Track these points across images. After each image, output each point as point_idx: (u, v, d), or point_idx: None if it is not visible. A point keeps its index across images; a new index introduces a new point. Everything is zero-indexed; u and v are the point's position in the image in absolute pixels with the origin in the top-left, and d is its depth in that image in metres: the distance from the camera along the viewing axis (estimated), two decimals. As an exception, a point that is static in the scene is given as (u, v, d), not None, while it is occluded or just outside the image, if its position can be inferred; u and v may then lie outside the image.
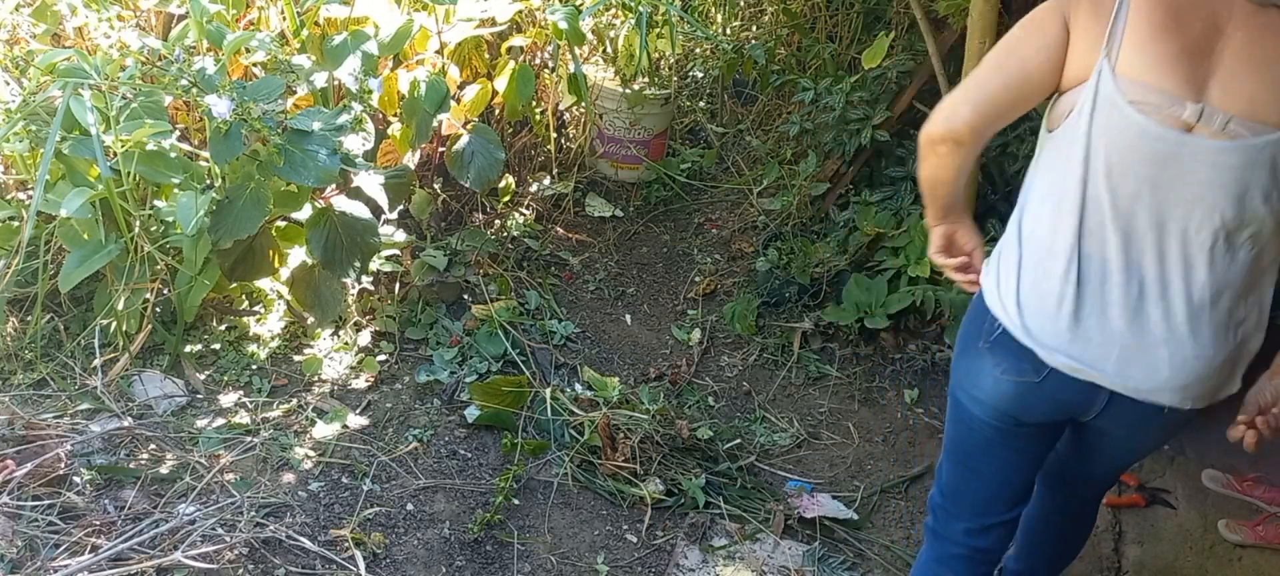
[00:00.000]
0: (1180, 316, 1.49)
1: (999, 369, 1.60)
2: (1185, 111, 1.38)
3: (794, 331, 3.11)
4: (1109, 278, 1.50)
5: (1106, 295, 1.50)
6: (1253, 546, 2.45)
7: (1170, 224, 1.46)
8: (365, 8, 2.73)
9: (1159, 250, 1.48)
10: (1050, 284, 1.53)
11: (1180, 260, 1.47)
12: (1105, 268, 1.50)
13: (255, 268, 2.60)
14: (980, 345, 1.63)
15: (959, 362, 1.71)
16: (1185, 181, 1.42)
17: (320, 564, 2.11)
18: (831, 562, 2.37)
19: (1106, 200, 1.46)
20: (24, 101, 2.31)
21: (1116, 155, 1.44)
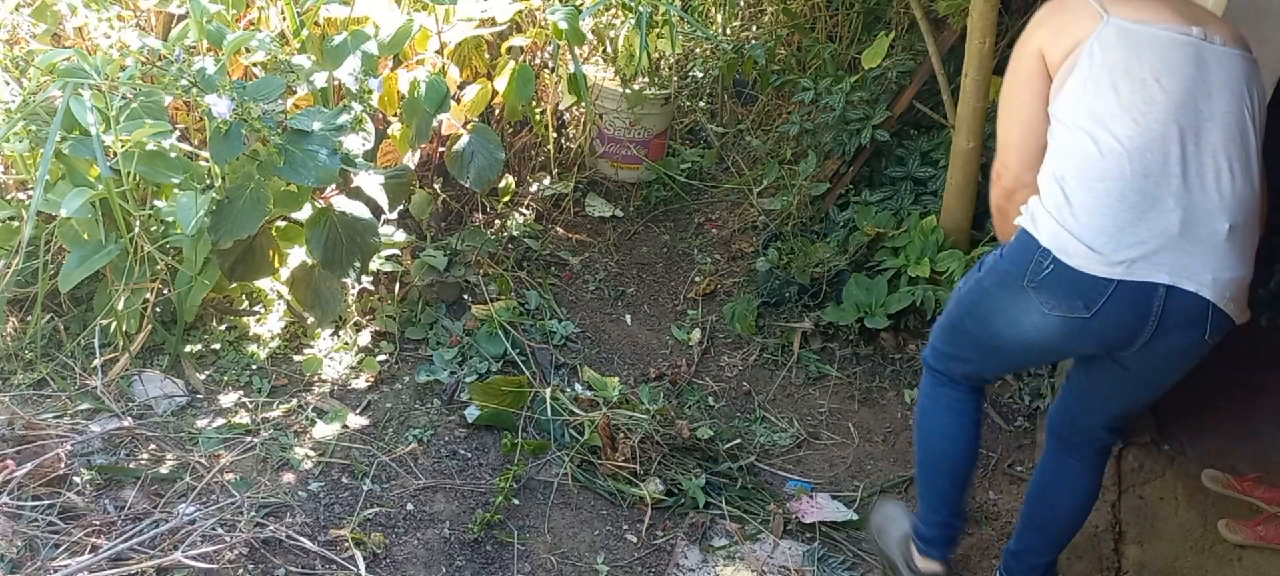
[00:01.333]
0: (1221, 204, 1.67)
1: (1047, 306, 1.73)
2: (1192, 31, 1.70)
3: (794, 331, 3.11)
4: (1166, 178, 1.66)
5: (1160, 198, 1.66)
6: (1253, 546, 2.45)
7: (1205, 128, 1.68)
8: (365, 8, 2.73)
9: (1196, 152, 1.68)
10: (1105, 198, 1.67)
11: (1211, 161, 1.68)
12: (1162, 168, 1.66)
13: (255, 267, 2.60)
14: (1025, 284, 1.74)
15: (996, 294, 1.83)
16: (1213, 82, 1.69)
17: (320, 564, 2.11)
18: (831, 563, 2.37)
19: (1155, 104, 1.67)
20: (24, 101, 2.31)
21: (1149, 64, 1.68)
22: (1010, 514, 2.57)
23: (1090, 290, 1.68)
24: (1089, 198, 1.68)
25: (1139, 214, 1.66)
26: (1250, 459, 2.71)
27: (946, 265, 2.92)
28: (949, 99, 3.06)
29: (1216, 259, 1.67)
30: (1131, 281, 1.66)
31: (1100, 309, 1.68)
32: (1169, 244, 1.66)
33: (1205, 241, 1.67)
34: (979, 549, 2.47)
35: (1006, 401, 2.91)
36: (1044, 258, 1.70)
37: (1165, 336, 1.71)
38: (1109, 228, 1.67)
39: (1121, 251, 1.66)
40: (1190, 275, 1.66)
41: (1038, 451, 2.75)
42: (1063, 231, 1.69)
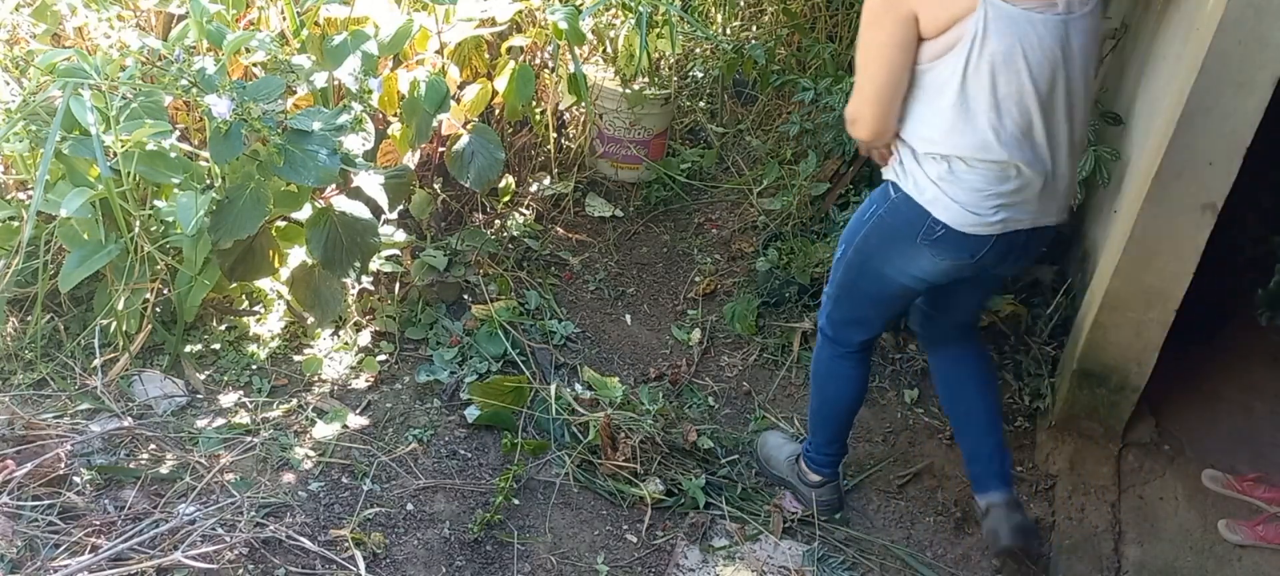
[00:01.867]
0: (1067, 156, 2.01)
1: (937, 257, 2.04)
2: (1059, 5, 1.86)
3: (794, 331, 3.10)
4: (1031, 154, 1.94)
5: (1029, 166, 1.94)
6: (1253, 546, 2.45)
7: (1072, 90, 1.94)
8: (365, 8, 2.73)
9: (1060, 121, 1.96)
10: (987, 175, 1.94)
11: (1068, 117, 1.97)
12: (1027, 148, 1.93)
13: (255, 267, 2.60)
14: (917, 241, 2.03)
15: (887, 250, 2.11)
16: (1074, 50, 1.90)
17: (320, 564, 2.11)
18: (831, 563, 2.37)
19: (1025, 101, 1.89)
20: (24, 101, 2.31)
21: (1027, 57, 1.86)
22: (1010, 514, 2.57)
23: (974, 244, 2.00)
24: (972, 176, 1.95)
25: (1011, 185, 1.96)
26: (1250, 459, 2.71)
27: (946, 265, 2.92)
28: (949, 99, 3.05)
29: (1065, 195, 2.07)
30: (1003, 234, 2.00)
31: (984, 254, 2.03)
32: (1032, 200, 1.99)
33: (1057, 188, 2.02)
34: (979, 548, 2.47)
35: (1006, 401, 2.90)
36: (935, 225, 1.99)
37: (1028, 255, 2.15)
38: (989, 200, 1.96)
39: (999, 215, 1.97)
40: (1047, 215, 2.04)
41: (1038, 451, 2.75)
42: (950, 202, 1.97)
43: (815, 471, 2.47)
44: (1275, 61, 2.13)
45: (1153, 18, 2.78)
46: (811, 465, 2.47)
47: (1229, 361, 3.02)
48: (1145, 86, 2.70)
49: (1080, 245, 3.06)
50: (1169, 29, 2.58)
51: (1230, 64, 2.16)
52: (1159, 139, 2.37)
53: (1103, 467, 2.66)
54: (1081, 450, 2.70)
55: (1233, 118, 2.21)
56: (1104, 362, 2.64)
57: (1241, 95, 2.18)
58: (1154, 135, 2.44)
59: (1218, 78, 2.18)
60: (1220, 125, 2.23)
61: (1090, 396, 2.70)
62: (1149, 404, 2.75)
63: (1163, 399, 2.80)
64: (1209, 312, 2.90)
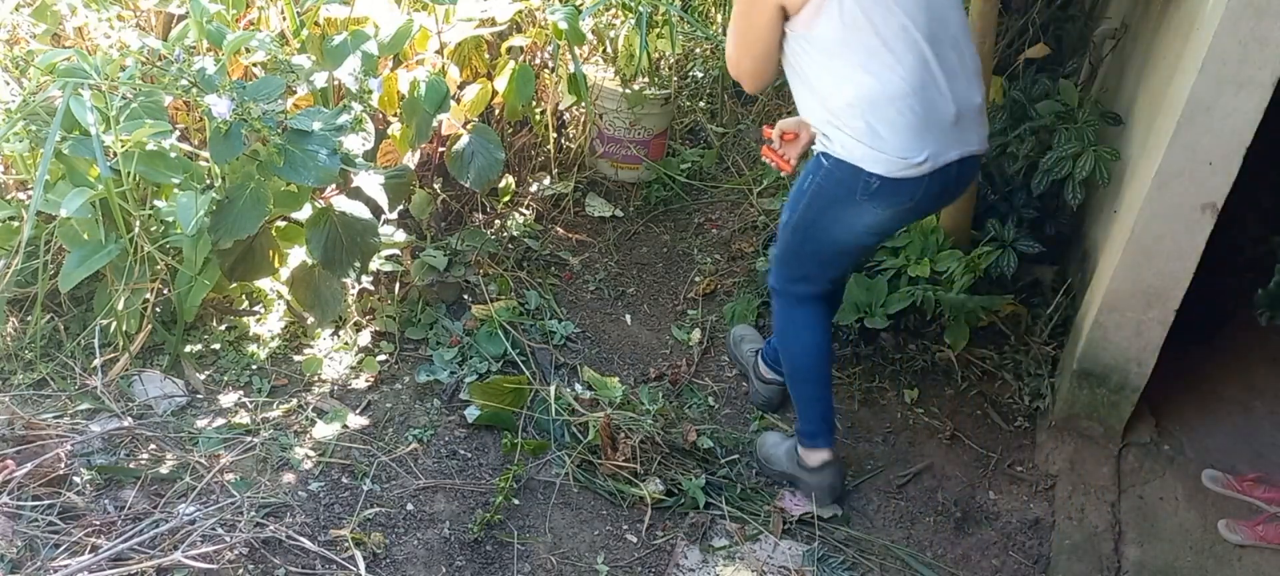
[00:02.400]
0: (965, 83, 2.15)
1: (880, 208, 2.19)
2: None
3: (794, 331, 3.10)
4: (935, 87, 2.10)
5: (938, 100, 2.11)
6: (1253, 546, 2.45)
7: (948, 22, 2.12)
8: (365, 8, 2.73)
9: (950, 50, 2.12)
10: (904, 120, 2.09)
11: (958, 47, 2.14)
12: (930, 81, 2.09)
13: (255, 267, 2.60)
14: (857, 198, 2.17)
15: (831, 213, 2.24)
16: None
17: (320, 564, 2.11)
18: (831, 563, 2.37)
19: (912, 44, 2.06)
20: (24, 101, 2.31)
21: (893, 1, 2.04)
22: (1010, 514, 2.57)
23: (911, 187, 2.14)
24: (889, 125, 2.09)
25: (926, 122, 2.10)
26: (1250, 459, 2.71)
27: (946, 265, 2.92)
28: (949, 99, 3.05)
29: (979, 123, 2.22)
30: (937, 169, 2.13)
31: (921, 195, 2.17)
32: (950, 131, 2.14)
33: (969, 117, 2.18)
34: (979, 549, 2.48)
35: (1006, 401, 2.91)
36: (870, 179, 2.13)
37: (958, 188, 2.28)
38: (912, 142, 2.10)
39: (924, 152, 2.10)
40: (968, 144, 2.19)
41: (1038, 451, 2.75)
42: (877, 154, 2.10)
43: (812, 448, 2.48)
44: (1275, 61, 2.14)
45: (1153, 18, 2.78)
46: (807, 443, 2.49)
47: (1229, 361, 3.02)
48: (1145, 86, 2.70)
49: (1080, 245, 3.06)
50: (1169, 29, 2.58)
51: (1230, 64, 2.16)
52: (1159, 139, 2.37)
53: (1103, 467, 2.66)
54: (1081, 450, 2.70)
55: (1233, 118, 2.21)
56: (1104, 362, 2.64)
57: (1241, 95, 2.18)
58: (1154, 135, 2.44)
59: (1218, 78, 2.18)
60: (1220, 125, 2.23)
61: (1090, 396, 2.70)
62: (1149, 404, 2.75)
63: (1163, 399, 2.80)
64: (1209, 312, 2.91)
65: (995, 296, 2.92)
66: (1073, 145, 2.76)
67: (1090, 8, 3.42)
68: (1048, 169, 2.81)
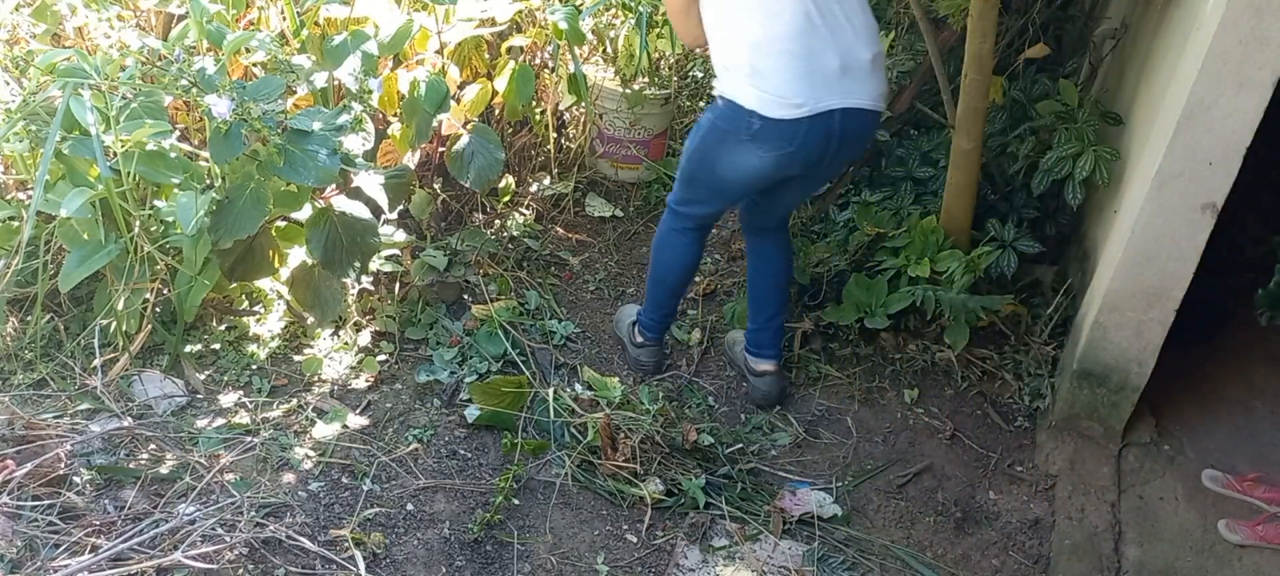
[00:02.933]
0: (852, 36, 2.33)
1: (762, 149, 2.37)
2: None
3: (794, 331, 3.10)
4: (816, 36, 2.29)
5: (819, 48, 2.29)
6: (1253, 546, 2.45)
7: None
8: (365, 8, 2.73)
9: (833, 7, 2.31)
10: (783, 61, 2.28)
11: (843, 7, 2.33)
12: (810, 30, 2.29)
13: (255, 267, 2.60)
14: (742, 138, 2.37)
15: (720, 149, 2.46)
16: None
17: (320, 564, 2.11)
18: (831, 563, 2.37)
19: None
20: (24, 101, 2.31)
21: None
22: (1010, 514, 2.57)
23: (792, 130, 2.32)
24: (770, 66, 2.29)
25: (809, 66, 2.29)
26: (1250, 459, 2.71)
27: (946, 265, 2.92)
28: (949, 99, 3.06)
29: (868, 81, 2.36)
30: (817, 113, 2.30)
31: (801, 140, 2.34)
32: (833, 80, 2.31)
33: (857, 70, 2.34)
34: (979, 549, 2.48)
35: (1006, 401, 2.91)
36: (753, 118, 2.32)
37: (846, 143, 2.41)
38: (792, 83, 2.29)
39: (804, 95, 2.29)
40: (854, 96, 2.33)
41: (1038, 451, 2.75)
42: (761, 94, 2.30)
43: (642, 334, 2.90)
44: (1275, 61, 2.13)
45: (1153, 18, 2.78)
46: (642, 330, 2.89)
47: (1229, 361, 3.02)
48: (1145, 86, 2.70)
49: (1080, 245, 3.06)
50: (1169, 29, 2.58)
51: (1230, 64, 2.16)
52: (1159, 139, 2.37)
53: (1103, 467, 2.66)
54: (1081, 450, 2.70)
55: (1233, 118, 2.21)
56: (1104, 362, 2.64)
57: (1242, 95, 2.18)
58: (1154, 135, 2.44)
59: (1218, 77, 2.18)
60: (1220, 125, 2.23)
61: (1090, 396, 2.70)
62: (1149, 404, 2.75)
63: (1163, 399, 2.80)
64: (1209, 312, 2.91)
65: (995, 296, 2.92)
66: (1073, 145, 2.76)
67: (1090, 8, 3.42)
68: (1048, 169, 2.81)
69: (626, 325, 3.00)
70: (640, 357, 2.92)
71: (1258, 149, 2.27)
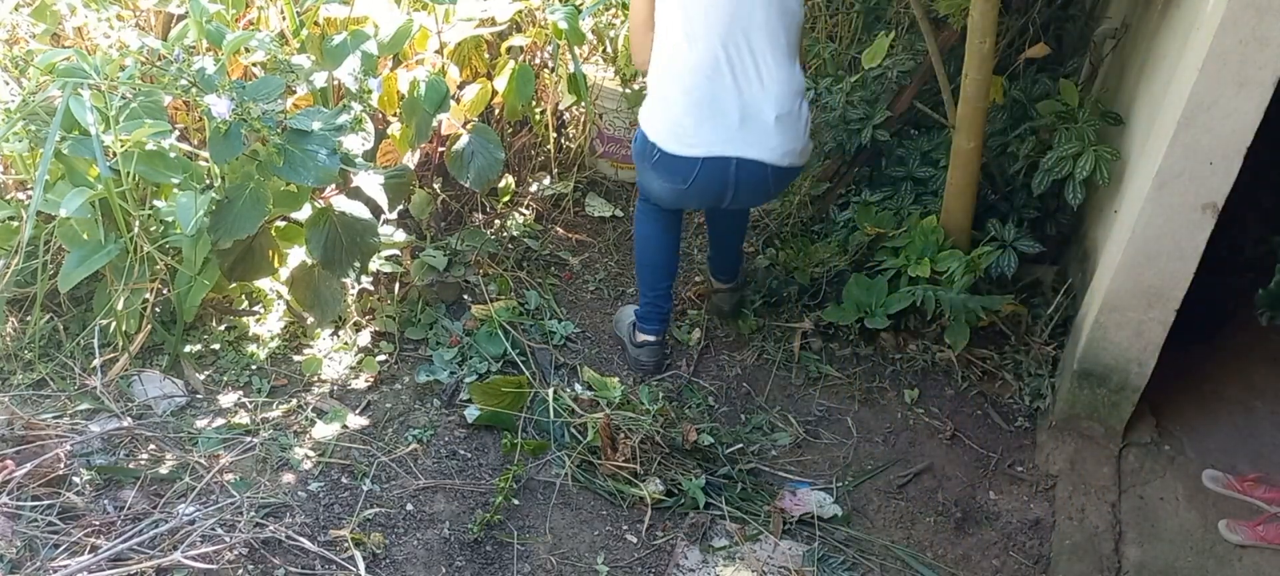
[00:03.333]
0: (760, 92, 2.45)
1: (662, 178, 2.57)
2: None
3: (794, 331, 3.10)
4: (721, 82, 2.44)
5: (723, 95, 2.44)
6: (1253, 546, 2.44)
7: (752, 35, 2.43)
8: (365, 7, 2.72)
9: (748, 58, 2.44)
10: (687, 102, 2.45)
11: (758, 61, 2.44)
12: (717, 75, 2.43)
13: (255, 267, 2.60)
14: (647, 165, 2.58)
15: (640, 167, 2.67)
16: (756, 2, 2.42)
17: (320, 564, 2.11)
18: (832, 563, 2.37)
19: (712, 27, 2.42)
20: (24, 101, 2.31)
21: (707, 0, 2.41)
22: (1010, 514, 2.57)
23: (686, 167, 2.49)
24: (676, 104, 2.47)
25: (709, 111, 2.44)
26: (1250, 459, 2.71)
27: (947, 265, 2.92)
28: (949, 99, 3.06)
29: (771, 137, 2.47)
30: (711, 158, 2.46)
31: (695, 179, 2.50)
32: (733, 130, 2.45)
33: (758, 125, 2.46)
34: (979, 549, 2.47)
35: (1007, 401, 2.91)
36: (654, 149, 2.51)
37: (743, 190, 2.55)
38: (690, 124, 2.45)
39: (701, 137, 2.45)
40: (753, 149, 2.46)
41: (1038, 451, 2.75)
42: (662, 128, 2.49)
43: (642, 331, 2.91)
44: (1275, 61, 2.13)
45: (1153, 18, 2.78)
46: (641, 325, 2.91)
47: (1229, 361, 3.02)
48: (1145, 86, 2.70)
49: (1080, 245, 3.06)
50: (1169, 29, 2.58)
51: (1230, 64, 2.16)
52: (1159, 139, 2.37)
53: (1103, 468, 2.66)
54: (1082, 450, 2.70)
55: (1233, 117, 2.21)
56: (1104, 362, 2.64)
57: (1242, 95, 2.18)
58: (1154, 135, 2.44)
59: (1218, 77, 2.18)
60: (1220, 125, 2.23)
61: (1090, 396, 2.70)
62: (1149, 404, 2.75)
63: (1163, 399, 2.80)
64: (1209, 312, 2.90)
65: (995, 296, 2.92)
66: (1073, 145, 2.76)
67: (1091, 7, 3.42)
68: (1048, 169, 2.80)
69: (626, 325, 3.00)
70: (640, 357, 2.91)
71: (1258, 149, 2.27)
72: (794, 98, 2.51)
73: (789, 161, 2.53)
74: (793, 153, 2.53)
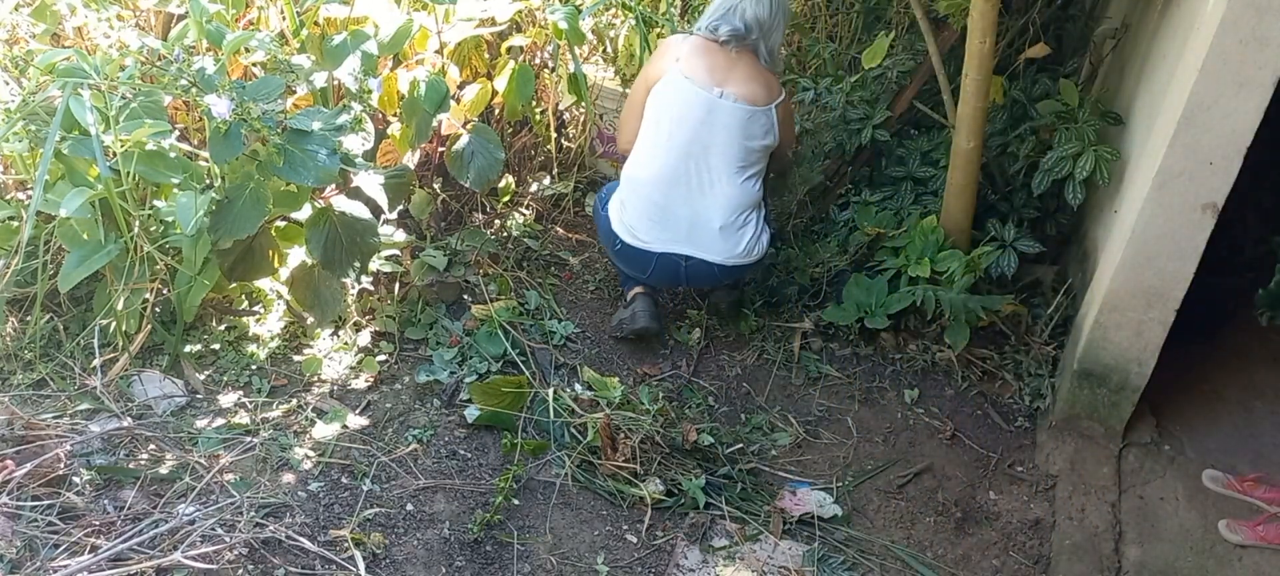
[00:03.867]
0: (710, 203, 2.82)
1: (623, 263, 2.98)
2: (714, 92, 2.78)
3: (794, 331, 3.10)
4: (679, 191, 2.82)
5: (677, 204, 2.82)
6: (1253, 546, 2.44)
7: (709, 155, 2.80)
8: (365, 7, 2.72)
9: (700, 170, 2.81)
10: (643, 205, 2.84)
11: (713, 178, 2.81)
12: (675, 185, 2.81)
13: (255, 267, 2.60)
14: (613, 250, 2.97)
15: (610, 251, 3.02)
16: (718, 126, 2.78)
17: (320, 564, 2.11)
18: (832, 563, 2.37)
19: (675, 141, 2.79)
20: (24, 101, 2.31)
21: (679, 110, 2.78)
22: (1010, 514, 2.57)
23: (642, 259, 2.88)
24: (634, 203, 2.86)
25: (663, 214, 2.83)
26: (1250, 459, 2.71)
27: (947, 265, 2.92)
28: (949, 99, 3.06)
29: (716, 242, 2.84)
30: (664, 253, 2.85)
31: (651, 270, 2.90)
32: (682, 233, 2.84)
33: (704, 231, 2.84)
34: (979, 549, 2.47)
35: (1007, 401, 2.91)
36: (617, 239, 2.90)
37: (695, 279, 2.94)
38: (645, 223, 2.85)
39: (654, 235, 2.85)
40: (700, 249, 2.84)
41: (1038, 451, 2.75)
42: (623, 223, 2.87)
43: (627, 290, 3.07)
44: (1275, 61, 2.13)
45: (1153, 18, 2.78)
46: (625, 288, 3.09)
47: (1229, 361, 3.02)
48: (1145, 86, 2.70)
49: (1080, 245, 3.06)
50: (1169, 29, 2.58)
51: (1230, 64, 2.16)
52: (1159, 139, 2.37)
53: (1103, 467, 2.66)
54: (1082, 450, 2.70)
55: (1233, 117, 2.21)
56: (1104, 362, 2.64)
57: (1242, 95, 2.18)
58: (1154, 135, 2.44)
59: (1218, 77, 2.18)
60: (1220, 125, 2.23)
61: (1090, 396, 2.70)
62: (1149, 404, 2.75)
63: (1163, 399, 2.80)
64: (1209, 312, 2.90)
65: (995, 296, 2.92)
66: (1073, 145, 2.76)
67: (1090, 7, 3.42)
68: (1048, 169, 2.81)
69: (616, 317, 3.07)
70: (636, 311, 2.97)
71: (1258, 149, 2.27)
72: (740, 211, 2.84)
73: (733, 261, 2.86)
74: (735, 255, 2.85)
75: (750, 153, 2.82)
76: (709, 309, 3.17)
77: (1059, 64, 3.31)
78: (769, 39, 2.85)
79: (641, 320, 2.95)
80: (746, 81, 2.79)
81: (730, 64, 2.79)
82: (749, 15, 2.80)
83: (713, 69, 2.78)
